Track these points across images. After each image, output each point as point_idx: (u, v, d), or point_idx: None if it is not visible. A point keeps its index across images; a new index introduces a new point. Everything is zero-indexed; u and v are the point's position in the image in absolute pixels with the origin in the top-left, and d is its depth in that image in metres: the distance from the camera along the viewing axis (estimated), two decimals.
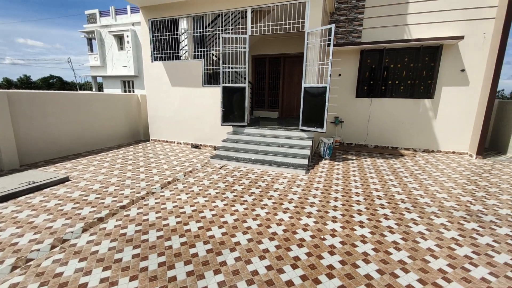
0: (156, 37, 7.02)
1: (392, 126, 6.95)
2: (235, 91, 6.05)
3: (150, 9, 6.77)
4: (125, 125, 7.42)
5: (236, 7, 5.97)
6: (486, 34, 5.86)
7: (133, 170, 4.76)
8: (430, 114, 6.56)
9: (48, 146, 5.35)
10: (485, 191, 3.93)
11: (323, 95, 5.19)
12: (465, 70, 6.12)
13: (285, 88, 8.95)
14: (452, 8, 6.00)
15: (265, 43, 8.73)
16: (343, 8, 6.93)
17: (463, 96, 6.24)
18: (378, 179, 4.44)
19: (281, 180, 4.38)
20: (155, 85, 7.22)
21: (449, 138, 6.50)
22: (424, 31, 6.29)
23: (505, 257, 2.31)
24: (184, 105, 6.96)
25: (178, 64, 6.87)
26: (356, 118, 7.28)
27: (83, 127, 6.10)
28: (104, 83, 20.92)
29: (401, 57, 6.64)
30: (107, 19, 19.27)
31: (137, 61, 18.76)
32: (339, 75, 7.23)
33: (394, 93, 6.85)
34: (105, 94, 6.89)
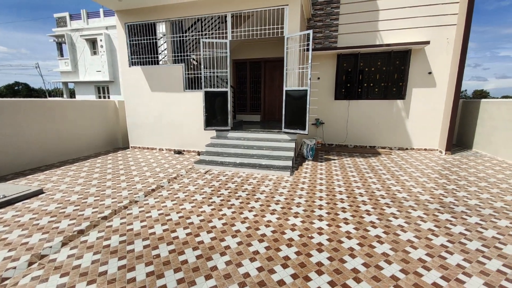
0: (134, 42, 6.85)
1: (369, 126, 7.30)
2: (217, 95, 6.04)
3: (126, 13, 6.60)
4: (102, 133, 7.11)
5: (215, 12, 5.99)
6: (449, 39, 6.38)
7: (113, 179, 4.57)
8: (403, 114, 6.98)
9: (18, 157, 4.99)
10: (455, 184, 4.25)
11: (304, 98, 5.34)
12: (432, 72, 6.60)
13: (267, 92, 9.08)
14: (418, 15, 6.47)
15: (246, 48, 8.82)
16: (319, 14, 7.21)
17: (431, 96, 6.71)
18: (359, 177, 4.63)
19: (266, 182, 4.43)
20: (133, 90, 7.01)
21: (421, 136, 6.94)
22: (395, 36, 6.71)
23: (476, 244, 2.52)
24: (165, 110, 6.82)
25: (158, 69, 6.74)
26: (335, 120, 7.55)
27: (56, 136, 5.76)
28: (76, 89, 19.89)
29: (374, 61, 7.02)
30: (78, 23, 18.42)
31: (112, 66, 18.08)
32: (318, 78, 7.48)
33: (369, 95, 7.21)
34: (79, 100, 6.57)
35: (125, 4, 6.24)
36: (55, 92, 37.93)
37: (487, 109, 6.41)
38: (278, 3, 5.51)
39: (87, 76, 18.89)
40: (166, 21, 6.56)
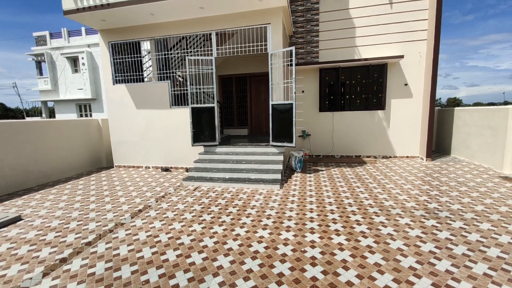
0: (118, 60, 6.81)
1: (353, 136, 7.52)
2: (204, 111, 6.06)
3: (110, 32, 6.60)
4: (85, 153, 6.87)
5: (199, 31, 6.12)
6: (421, 53, 6.83)
7: (97, 201, 4.39)
8: (384, 123, 7.27)
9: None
10: (438, 189, 4.42)
11: (290, 111, 5.46)
12: (407, 84, 6.99)
13: (253, 106, 9.21)
14: (392, 32, 6.91)
15: (231, 64, 8.99)
16: (300, 32, 7.54)
17: (409, 106, 7.07)
18: (347, 187, 4.72)
19: (257, 196, 4.41)
20: (118, 108, 6.90)
21: (402, 144, 7.23)
22: (372, 51, 7.10)
23: (462, 248, 2.60)
24: (151, 127, 6.73)
25: (143, 86, 6.70)
26: (321, 131, 7.74)
27: (34, 159, 5.50)
28: (56, 107, 19.25)
29: (354, 74, 7.35)
30: (59, 41, 18.13)
31: (94, 83, 17.76)
32: (303, 92, 7.70)
33: (352, 106, 7.49)
34: (59, 120, 6.36)
35: (108, 23, 6.25)
36: (33, 111, 36.50)
37: (460, 117, 6.81)
38: (261, 22, 5.73)
39: (68, 94, 18.40)
40: (151, 40, 6.61)
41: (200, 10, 5.67)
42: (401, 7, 6.78)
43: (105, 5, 5.35)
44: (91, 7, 5.44)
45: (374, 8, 6.94)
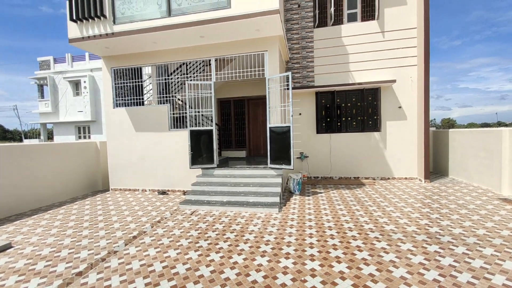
0: (119, 84, 6.98)
1: (351, 158, 7.56)
2: (202, 133, 6.11)
3: (113, 58, 6.84)
4: (81, 175, 6.79)
5: (200, 57, 6.37)
6: (413, 77, 7.10)
7: (91, 227, 4.26)
8: (381, 145, 7.35)
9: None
10: (438, 212, 4.37)
11: (288, 133, 5.53)
12: (401, 107, 7.18)
13: (251, 128, 9.32)
14: (384, 58, 7.22)
15: (230, 87, 9.24)
16: (296, 57, 7.86)
17: (404, 128, 7.20)
18: (347, 210, 4.65)
19: (255, 221, 4.32)
20: (117, 131, 6.94)
21: (400, 165, 7.25)
22: (365, 76, 7.37)
23: (466, 276, 2.52)
24: (150, 150, 6.73)
25: (143, 109, 6.81)
26: (319, 153, 7.78)
27: (29, 183, 5.42)
28: (55, 129, 19.36)
29: (349, 97, 7.57)
30: (62, 66, 18.68)
31: (95, 105, 18.05)
32: (300, 114, 7.86)
33: (348, 128, 7.61)
34: (57, 144, 6.36)
35: (112, 51, 6.50)
36: (31, 133, 36.57)
37: (455, 138, 6.92)
38: (258, 49, 6.00)
39: (68, 116, 18.60)
40: (152, 65, 6.84)
41: (201, 39, 5.94)
42: (392, 35, 7.16)
43: (110, 34, 5.60)
44: (96, 36, 5.70)
45: (366, 36, 7.32)
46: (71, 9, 5.65)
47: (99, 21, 5.69)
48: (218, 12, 5.19)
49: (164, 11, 5.43)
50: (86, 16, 5.62)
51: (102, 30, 5.66)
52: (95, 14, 5.58)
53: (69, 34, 5.82)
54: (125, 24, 5.57)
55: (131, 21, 5.55)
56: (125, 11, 5.60)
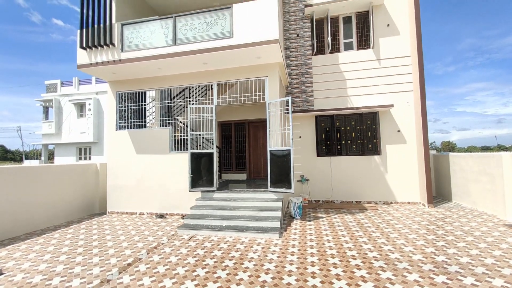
0: (123, 108, 7.14)
1: (352, 181, 7.49)
2: (203, 156, 6.13)
3: (118, 83, 7.07)
4: (78, 198, 6.69)
5: (202, 82, 6.59)
6: (410, 102, 7.26)
7: (85, 253, 4.12)
8: (382, 169, 7.32)
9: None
10: (444, 240, 4.23)
11: (288, 157, 5.55)
12: (400, 131, 7.26)
13: (252, 151, 9.36)
14: (381, 84, 7.44)
15: (230, 110, 9.43)
16: (295, 83, 8.12)
17: (404, 152, 7.22)
18: (349, 237, 4.51)
19: (255, 247, 4.18)
20: (118, 153, 6.97)
21: (402, 189, 7.16)
22: (363, 100, 7.55)
23: None
24: (149, 172, 6.71)
25: (145, 132, 6.90)
26: (320, 176, 7.72)
27: (25, 206, 5.33)
28: (56, 150, 19.44)
29: (348, 121, 7.69)
30: (69, 89, 19.24)
31: (97, 127, 18.29)
32: (300, 137, 7.93)
33: (348, 151, 7.63)
34: (56, 165, 6.35)
35: (118, 76, 6.74)
36: (32, 153, 36.67)
37: (456, 162, 6.91)
38: (259, 75, 6.22)
39: (70, 137, 18.76)
40: (156, 90, 7.05)
41: (204, 65, 6.19)
42: (387, 62, 7.44)
43: (117, 61, 5.86)
44: (103, 62, 5.95)
45: (363, 64, 7.61)
46: (82, 37, 5.96)
47: (108, 48, 5.97)
48: (221, 41, 5.46)
49: (170, 40, 5.72)
50: (95, 44, 5.91)
51: (110, 57, 5.92)
52: (104, 43, 5.88)
53: (78, 61, 6.08)
54: (133, 51, 5.85)
55: (138, 49, 5.83)
56: (133, 39, 5.90)
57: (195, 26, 5.67)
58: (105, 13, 5.99)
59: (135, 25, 5.95)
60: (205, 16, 5.65)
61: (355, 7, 7.76)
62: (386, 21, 7.53)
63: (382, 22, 7.56)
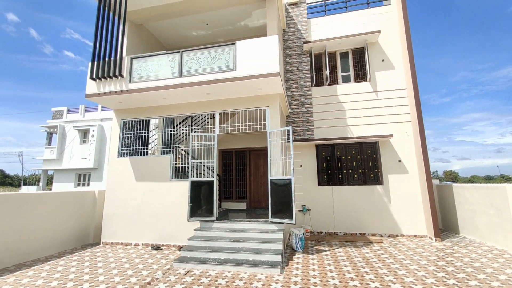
0: (126, 135, 7.25)
1: (355, 212, 7.29)
2: (203, 184, 6.07)
3: (123, 111, 7.27)
4: (73, 227, 6.48)
5: (205, 111, 6.77)
6: (408, 132, 7.36)
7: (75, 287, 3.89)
8: (385, 199, 7.17)
9: None
10: (455, 277, 4.00)
11: (289, 186, 5.48)
12: (401, 160, 7.26)
13: (252, 179, 9.27)
14: (380, 114, 7.61)
15: (232, 138, 9.54)
16: (296, 112, 8.33)
17: (406, 182, 7.13)
18: (355, 273, 4.27)
19: (255, 284, 3.94)
20: (117, 180, 6.92)
21: (407, 221, 6.94)
22: (363, 130, 7.66)
23: None
24: (148, 200, 6.59)
25: (146, 159, 6.92)
26: (321, 206, 7.55)
27: (17, 235, 5.13)
28: (55, 176, 19.33)
29: (349, 150, 7.73)
30: (75, 115, 19.72)
31: (99, 153, 18.38)
32: (301, 166, 7.90)
33: (350, 180, 7.55)
34: (51, 193, 6.22)
35: (124, 105, 6.96)
36: (31, 178, 36.38)
37: (460, 193, 6.78)
38: (261, 105, 6.42)
39: (71, 163, 18.76)
40: (160, 118, 7.22)
41: (207, 95, 6.42)
42: (385, 94, 7.70)
43: (124, 91, 6.10)
44: (111, 92, 6.19)
45: (361, 95, 7.87)
46: (93, 69, 6.27)
47: (116, 80, 6.26)
48: (225, 73, 5.74)
49: (176, 72, 6.01)
50: (105, 76, 6.20)
51: (118, 88, 6.17)
52: (113, 74, 6.17)
53: (87, 90, 6.33)
54: (140, 82, 6.12)
55: (145, 80, 6.11)
56: (141, 71, 6.21)
57: (201, 59, 6.00)
58: (117, 47, 6.38)
59: (144, 58, 6.30)
60: (210, 51, 6.00)
61: (351, 44, 8.25)
62: (381, 56, 7.95)
63: (377, 58, 7.97)
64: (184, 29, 8.48)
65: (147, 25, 8.05)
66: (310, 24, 8.72)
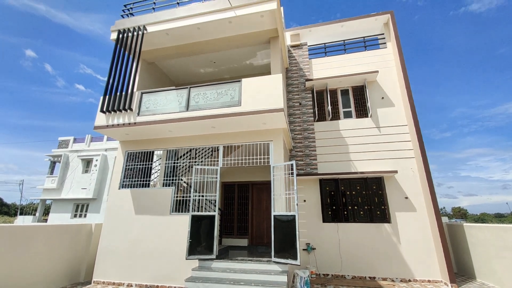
0: (129, 167, 7.26)
1: (363, 252, 6.88)
2: (204, 219, 5.88)
3: (129, 142, 7.38)
4: (64, 263, 6.11)
5: (209, 144, 6.85)
6: (413, 168, 7.28)
7: None
8: (394, 239, 6.82)
9: None
10: None
11: (293, 223, 5.28)
12: (408, 197, 7.06)
13: (255, 214, 8.98)
14: (383, 149, 7.62)
15: (234, 171, 9.48)
16: (299, 146, 8.39)
17: (415, 220, 6.84)
18: None
19: None
20: (116, 213, 6.74)
21: (419, 264, 6.49)
22: (367, 165, 7.61)
23: None
24: (145, 235, 6.33)
25: (147, 191, 6.82)
26: (327, 244, 7.16)
27: (2, 273, 4.81)
28: (53, 206, 18.93)
29: (353, 185, 7.59)
30: (80, 145, 20.00)
31: (100, 183, 18.21)
32: (304, 201, 7.70)
33: (356, 217, 7.28)
34: (44, 226, 5.98)
35: (130, 136, 7.10)
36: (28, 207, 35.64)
37: (472, 234, 6.45)
38: (264, 139, 6.50)
39: (70, 193, 18.50)
40: (164, 150, 7.29)
41: (212, 128, 6.56)
42: (387, 130, 7.79)
43: (132, 124, 6.27)
44: (119, 125, 6.36)
45: (363, 130, 7.97)
46: (104, 103, 6.54)
47: (125, 113, 6.48)
48: (230, 108, 5.93)
49: (183, 107, 6.23)
50: (115, 109, 6.44)
51: (126, 120, 6.36)
52: (123, 108, 6.42)
53: (96, 122, 6.52)
54: (148, 116, 6.31)
55: (153, 113, 6.32)
56: (149, 105, 6.46)
57: (207, 95, 6.26)
58: (128, 83, 6.73)
59: (153, 93, 6.60)
60: (216, 87, 6.30)
61: (351, 82, 8.63)
62: (380, 94, 8.24)
63: (377, 95, 8.26)
64: (192, 67, 9.01)
65: (158, 63, 8.59)
66: (311, 63, 9.24)
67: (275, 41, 7.13)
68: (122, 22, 7.34)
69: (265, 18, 6.59)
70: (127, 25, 7.21)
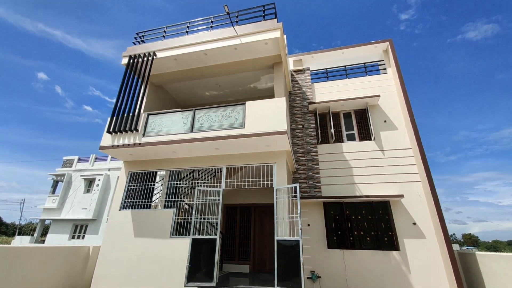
0: (131, 187, 7.22)
1: (372, 282, 6.50)
2: (204, 242, 5.72)
3: (133, 163, 7.41)
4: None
5: (213, 165, 6.85)
6: (420, 193, 7.11)
7: None
8: (404, 268, 6.49)
9: None
10: None
11: (297, 248, 5.11)
12: (416, 223, 6.82)
13: (257, 238, 8.70)
14: (388, 173, 7.51)
15: (237, 193, 9.35)
16: (302, 169, 8.33)
17: (425, 248, 6.54)
18: None
19: None
20: (115, 235, 6.59)
21: None
22: (372, 189, 7.45)
23: None
24: (143, 259, 6.12)
25: (147, 213, 6.71)
26: (333, 273, 6.82)
27: None
28: (52, 226, 18.60)
29: (359, 209, 7.39)
30: (84, 164, 20.10)
31: (100, 204, 18.00)
32: (308, 225, 7.47)
33: (363, 244, 6.99)
34: (40, 247, 5.79)
35: (134, 157, 7.15)
36: (26, 227, 35.09)
37: (486, 264, 6.11)
38: (268, 161, 6.49)
39: (70, 213, 18.26)
40: (167, 170, 7.29)
41: (215, 150, 6.60)
42: (391, 153, 7.74)
43: (137, 144, 6.35)
44: (124, 145, 6.45)
45: (367, 153, 7.94)
46: (111, 124, 6.69)
47: (131, 133, 6.59)
48: (234, 130, 6.01)
49: (187, 128, 6.34)
50: (121, 130, 6.56)
51: (131, 141, 6.46)
52: (129, 129, 6.55)
53: (102, 143, 6.63)
54: (153, 136, 6.41)
55: (158, 134, 6.43)
56: (155, 126, 6.58)
57: (212, 117, 6.39)
58: (136, 105, 6.93)
59: (159, 115, 6.75)
60: (221, 109, 6.44)
61: (353, 106, 8.77)
62: (382, 117, 8.31)
63: (379, 118, 8.33)
64: (198, 90, 9.29)
65: (165, 86, 8.89)
66: (314, 87, 9.47)
67: (279, 66, 7.40)
68: (133, 49, 7.74)
69: (269, 45, 6.90)
70: (138, 51, 7.59)
